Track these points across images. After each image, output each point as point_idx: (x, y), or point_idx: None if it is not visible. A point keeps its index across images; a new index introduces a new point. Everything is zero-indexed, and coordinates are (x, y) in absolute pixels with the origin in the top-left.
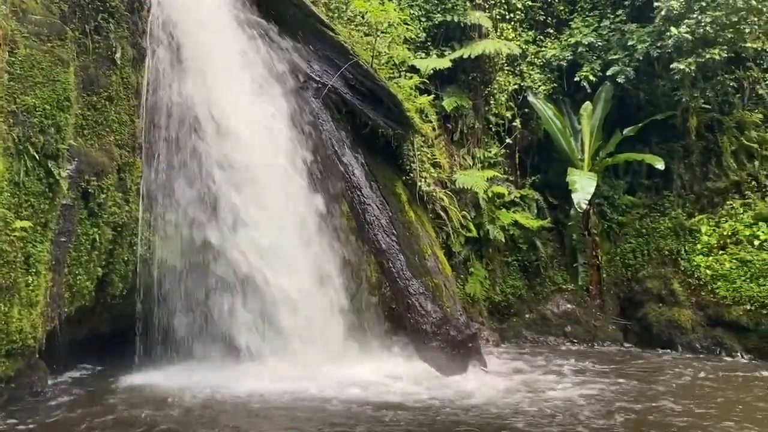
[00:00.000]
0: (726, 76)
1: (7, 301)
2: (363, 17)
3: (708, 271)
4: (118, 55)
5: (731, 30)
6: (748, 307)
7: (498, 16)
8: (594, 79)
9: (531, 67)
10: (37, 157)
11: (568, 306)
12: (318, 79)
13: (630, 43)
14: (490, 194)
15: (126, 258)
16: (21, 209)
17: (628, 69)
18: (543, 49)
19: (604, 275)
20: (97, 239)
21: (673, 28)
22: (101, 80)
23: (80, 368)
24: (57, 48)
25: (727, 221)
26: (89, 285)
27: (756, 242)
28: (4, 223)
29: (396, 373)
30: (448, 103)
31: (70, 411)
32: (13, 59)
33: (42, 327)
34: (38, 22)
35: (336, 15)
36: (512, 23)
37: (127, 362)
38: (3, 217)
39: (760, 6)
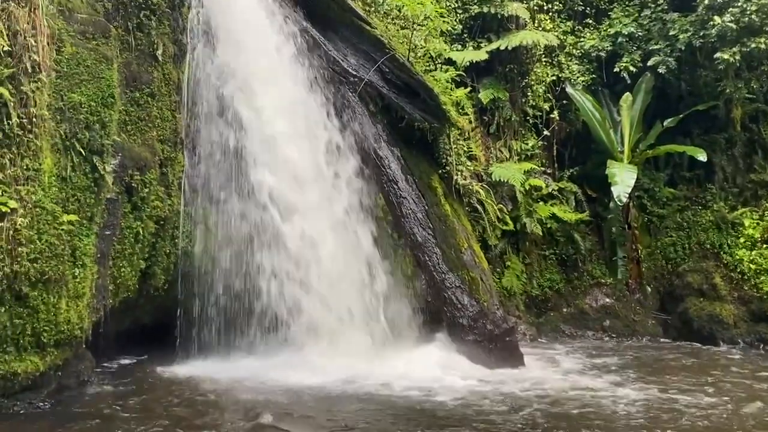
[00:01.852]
0: None
1: (55, 293)
2: (399, 10)
3: (751, 266)
4: (159, 51)
5: None
6: None
7: (536, 7)
8: (634, 69)
9: (569, 58)
10: (83, 153)
11: (607, 300)
12: (354, 73)
13: (671, 32)
14: (527, 187)
15: (168, 250)
16: (68, 203)
17: (669, 59)
18: (582, 39)
19: (644, 269)
20: (141, 232)
21: (716, 17)
22: (143, 77)
23: (124, 358)
24: (101, 45)
25: None
26: (133, 277)
27: None
28: (53, 217)
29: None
30: (484, 96)
31: (115, 400)
32: (60, 57)
33: (88, 318)
34: (83, 21)
35: (372, 9)
36: (550, 14)
37: (168, 353)
38: (51, 212)
39: None
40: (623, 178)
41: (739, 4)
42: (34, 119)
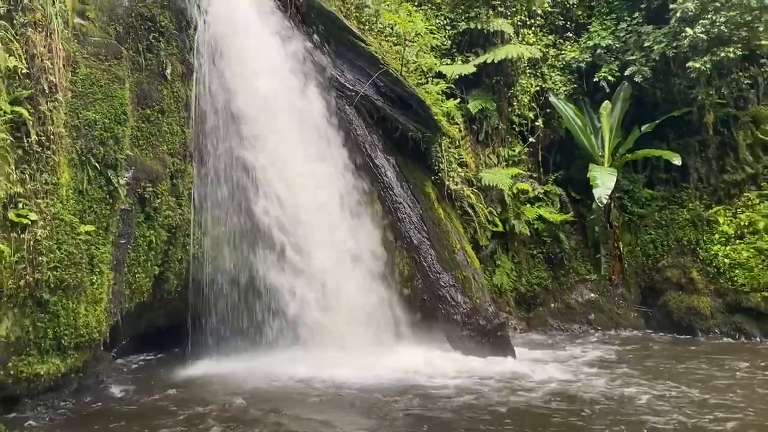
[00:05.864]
0: (741, 73)
1: (74, 299)
2: (392, 29)
3: (726, 260)
4: (168, 71)
5: (745, 29)
6: (766, 293)
7: (519, 23)
8: (612, 79)
9: (552, 70)
10: (98, 167)
11: (592, 295)
12: (351, 87)
13: (646, 44)
14: (514, 191)
15: (180, 257)
16: (85, 215)
17: (645, 69)
18: (563, 52)
19: (626, 265)
20: (154, 240)
21: (688, 29)
22: (154, 94)
23: (140, 359)
24: (114, 66)
25: (743, 212)
26: (147, 282)
27: None
28: (71, 228)
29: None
30: (473, 106)
31: (133, 399)
32: (75, 78)
33: (105, 322)
34: (96, 44)
35: (367, 27)
36: (533, 28)
37: (181, 353)
38: (69, 223)
39: None
40: (604, 181)
41: (709, 16)
42: (51, 136)
